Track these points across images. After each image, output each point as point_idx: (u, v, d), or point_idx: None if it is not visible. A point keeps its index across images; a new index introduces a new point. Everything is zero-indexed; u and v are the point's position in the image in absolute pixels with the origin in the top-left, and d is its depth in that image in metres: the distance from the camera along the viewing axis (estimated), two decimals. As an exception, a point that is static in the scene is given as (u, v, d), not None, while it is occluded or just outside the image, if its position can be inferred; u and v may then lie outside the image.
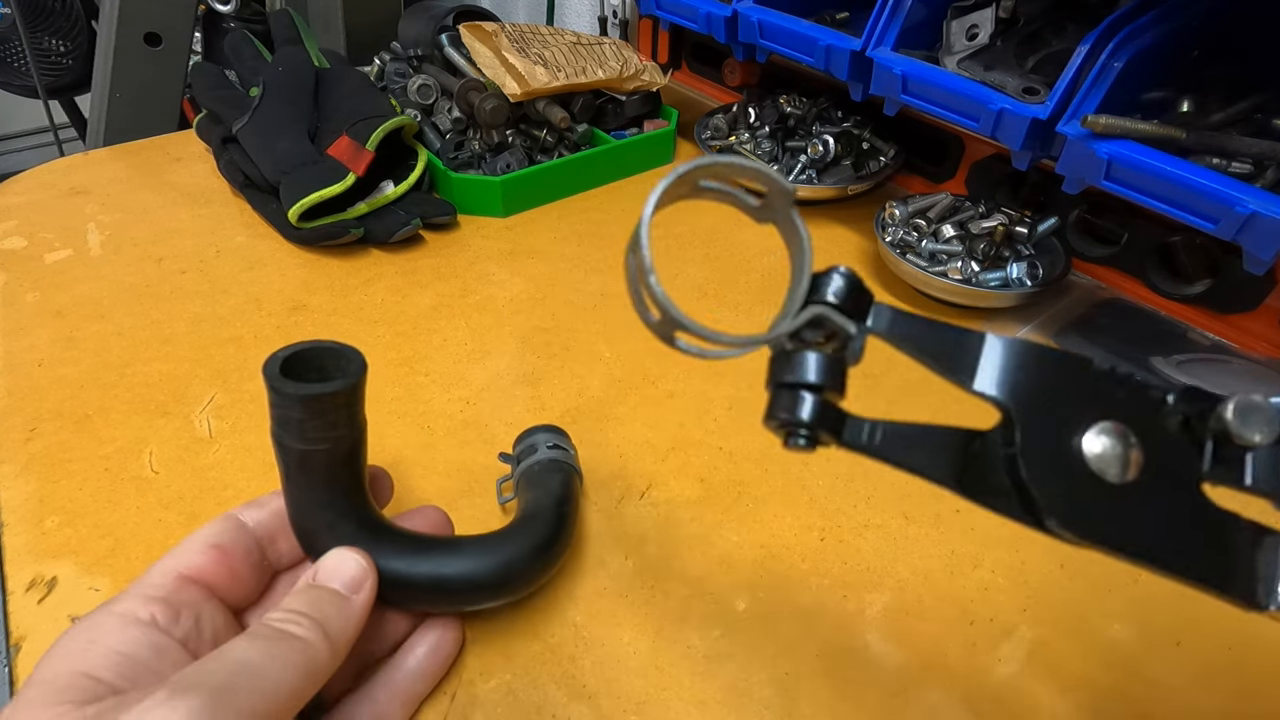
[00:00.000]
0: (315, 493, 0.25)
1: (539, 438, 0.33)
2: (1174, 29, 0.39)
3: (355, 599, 0.23)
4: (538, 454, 0.32)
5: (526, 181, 0.55)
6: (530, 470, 0.31)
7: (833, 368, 0.15)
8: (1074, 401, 0.14)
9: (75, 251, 0.50)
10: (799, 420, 0.15)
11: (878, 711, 0.27)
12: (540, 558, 0.28)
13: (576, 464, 0.33)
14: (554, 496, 0.29)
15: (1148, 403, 0.14)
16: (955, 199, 0.49)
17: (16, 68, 1.20)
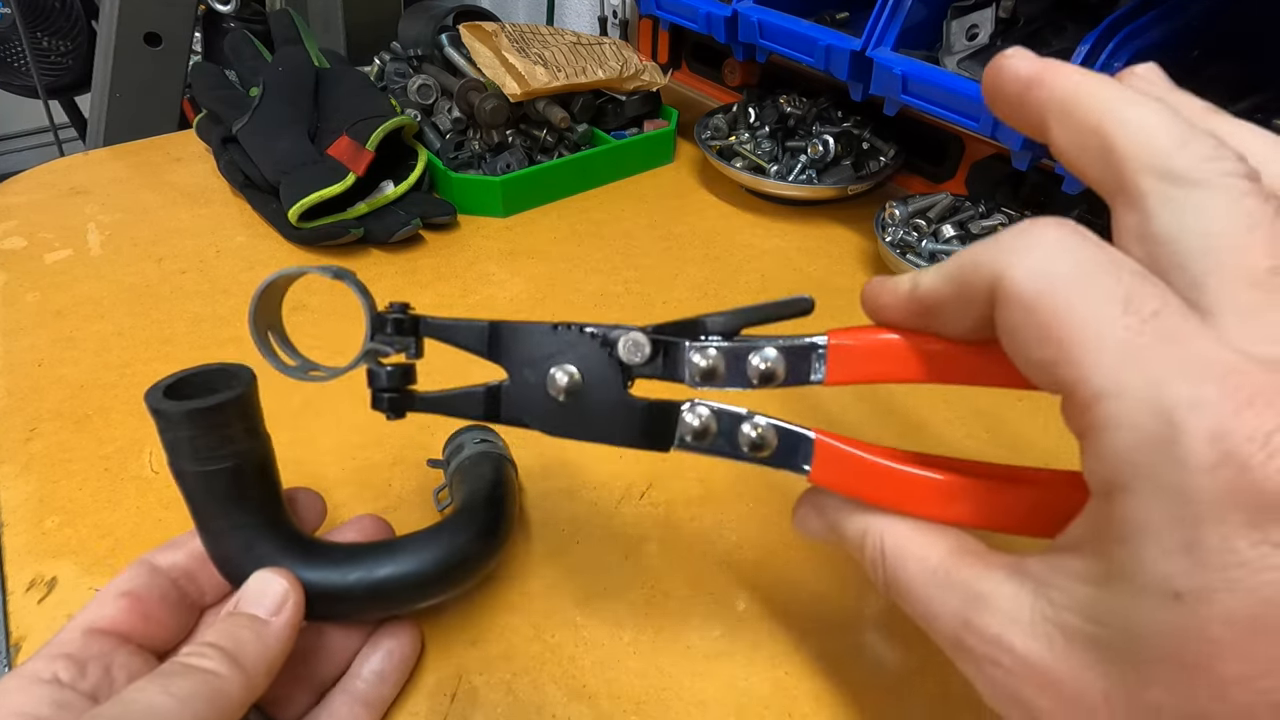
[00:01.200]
0: (226, 517, 0.24)
1: (466, 436, 0.32)
2: (1174, 29, 0.39)
3: (275, 621, 0.22)
4: (466, 450, 0.31)
5: (526, 181, 0.55)
6: (461, 466, 0.30)
7: (394, 375, 0.23)
8: (539, 354, 0.22)
9: (75, 251, 0.50)
10: (384, 410, 0.23)
11: (878, 711, 0.27)
12: (481, 543, 0.27)
13: (507, 452, 0.32)
14: (487, 482, 0.29)
15: (587, 344, 0.21)
16: (955, 199, 0.49)
17: (16, 68, 1.20)
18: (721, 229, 0.54)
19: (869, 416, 0.38)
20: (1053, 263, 0.15)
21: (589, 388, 0.21)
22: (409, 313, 0.23)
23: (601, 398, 0.21)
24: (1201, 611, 0.13)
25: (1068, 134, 0.17)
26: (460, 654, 0.28)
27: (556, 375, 0.21)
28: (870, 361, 0.20)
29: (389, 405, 0.23)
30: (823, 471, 0.20)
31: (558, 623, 0.29)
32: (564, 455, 0.36)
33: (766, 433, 0.20)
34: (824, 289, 0.48)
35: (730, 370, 0.21)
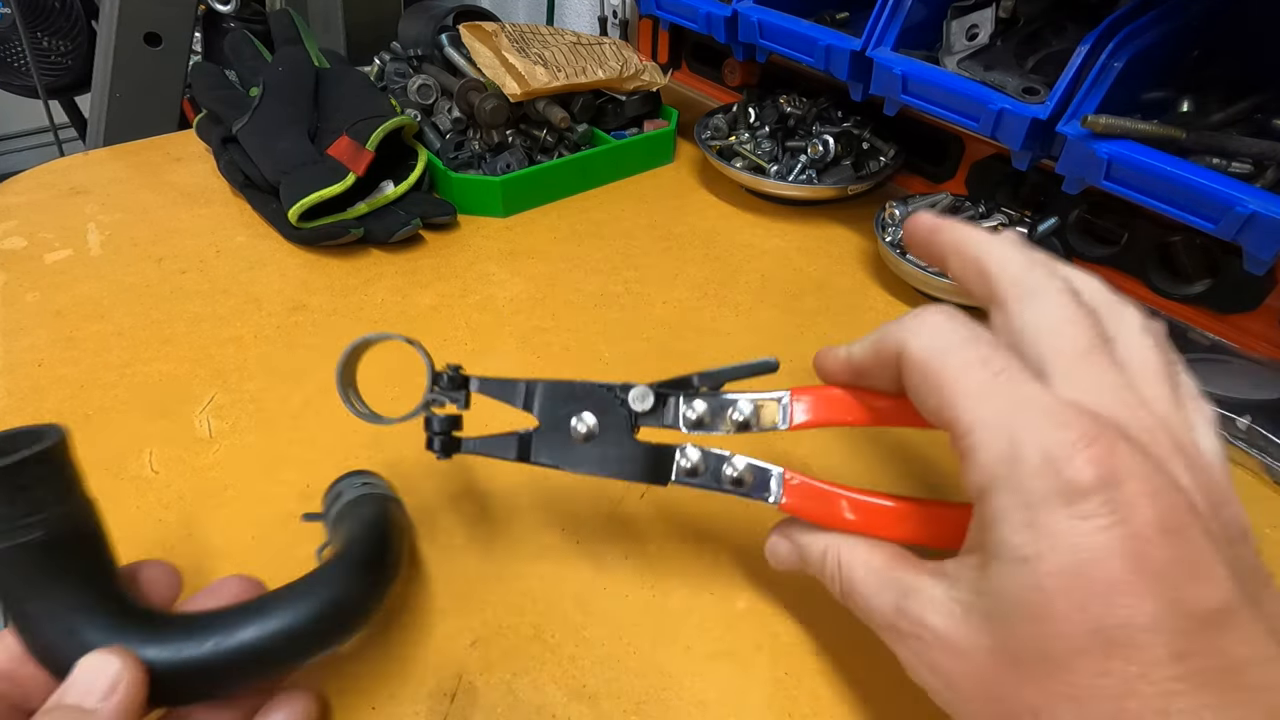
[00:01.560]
0: (41, 598, 0.20)
1: (344, 483, 0.30)
2: (1174, 29, 0.39)
3: (104, 708, 0.19)
4: (344, 497, 0.29)
5: (526, 181, 0.55)
6: (340, 513, 0.28)
7: (445, 422, 0.27)
8: (564, 405, 0.26)
9: (75, 251, 0.50)
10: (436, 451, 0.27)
11: (878, 711, 0.27)
12: (359, 587, 0.24)
13: (391, 493, 0.30)
14: (364, 522, 0.27)
15: (603, 397, 0.26)
16: (955, 199, 0.49)
17: (16, 68, 1.20)
18: (721, 229, 0.54)
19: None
20: (935, 338, 0.21)
21: (604, 433, 0.26)
22: (461, 372, 0.27)
23: (614, 441, 0.26)
24: (1039, 568, 0.18)
25: (959, 263, 0.24)
26: (460, 654, 0.28)
27: (576, 425, 0.26)
28: (822, 411, 0.26)
29: (440, 447, 0.27)
30: (790, 501, 0.25)
31: (558, 623, 0.29)
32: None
33: (744, 471, 0.26)
34: (824, 289, 0.48)
35: (714, 419, 0.26)
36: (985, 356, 0.20)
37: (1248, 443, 0.36)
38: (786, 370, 0.40)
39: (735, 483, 0.26)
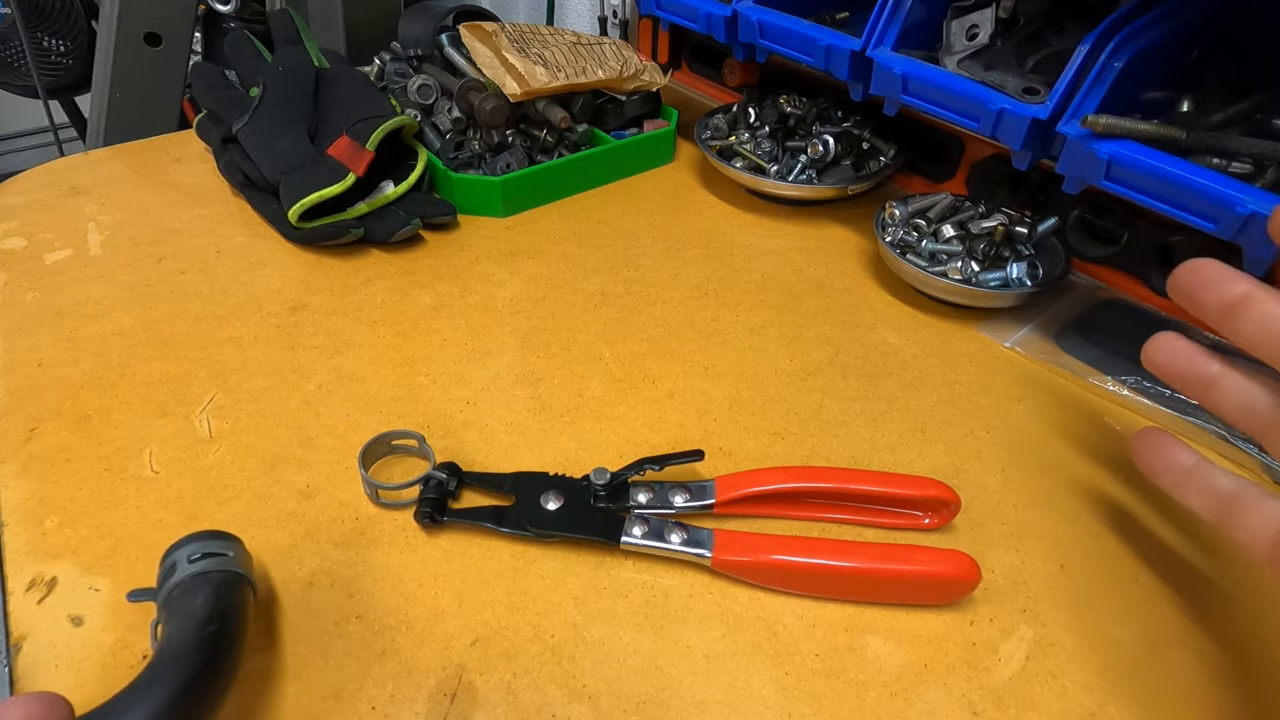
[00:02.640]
0: None
1: (180, 553, 0.26)
2: (1174, 29, 0.39)
3: None
4: (177, 573, 0.25)
5: (526, 181, 0.55)
6: (170, 597, 0.25)
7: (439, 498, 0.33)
8: (538, 488, 0.33)
9: (75, 251, 0.50)
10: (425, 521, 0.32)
11: (878, 711, 0.27)
12: (171, 713, 0.21)
13: (240, 566, 0.27)
14: (196, 620, 0.23)
15: (569, 483, 0.33)
16: (955, 199, 0.49)
17: (16, 68, 1.20)
18: (721, 229, 0.54)
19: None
20: None
21: (569, 506, 0.32)
22: (456, 465, 0.34)
23: (577, 511, 0.32)
24: None
25: None
26: (460, 654, 0.28)
27: (548, 501, 0.32)
28: (739, 497, 0.32)
29: (429, 515, 0.32)
30: (721, 554, 0.30)
31: (558, 623, 0.29)
32: (564, 456, 0.36)
33: (681, 532, 0.31)
34: (824, 289, 0.48)
35: (659, 499, 0.32)
36: None
37: (1247, 443, 0.36)
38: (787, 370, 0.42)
39: (675, 542, 0.30)
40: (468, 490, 0.34)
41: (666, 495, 0.32)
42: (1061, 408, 0.40)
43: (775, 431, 0.38)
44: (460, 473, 0.33)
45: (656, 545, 0.30)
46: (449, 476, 0.33)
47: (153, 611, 0.26)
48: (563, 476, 0.33)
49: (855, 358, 0.43)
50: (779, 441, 0.37)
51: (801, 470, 0.34)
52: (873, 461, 0.36)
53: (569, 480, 0.33)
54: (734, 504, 0.32)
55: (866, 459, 0.36)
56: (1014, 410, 0.39)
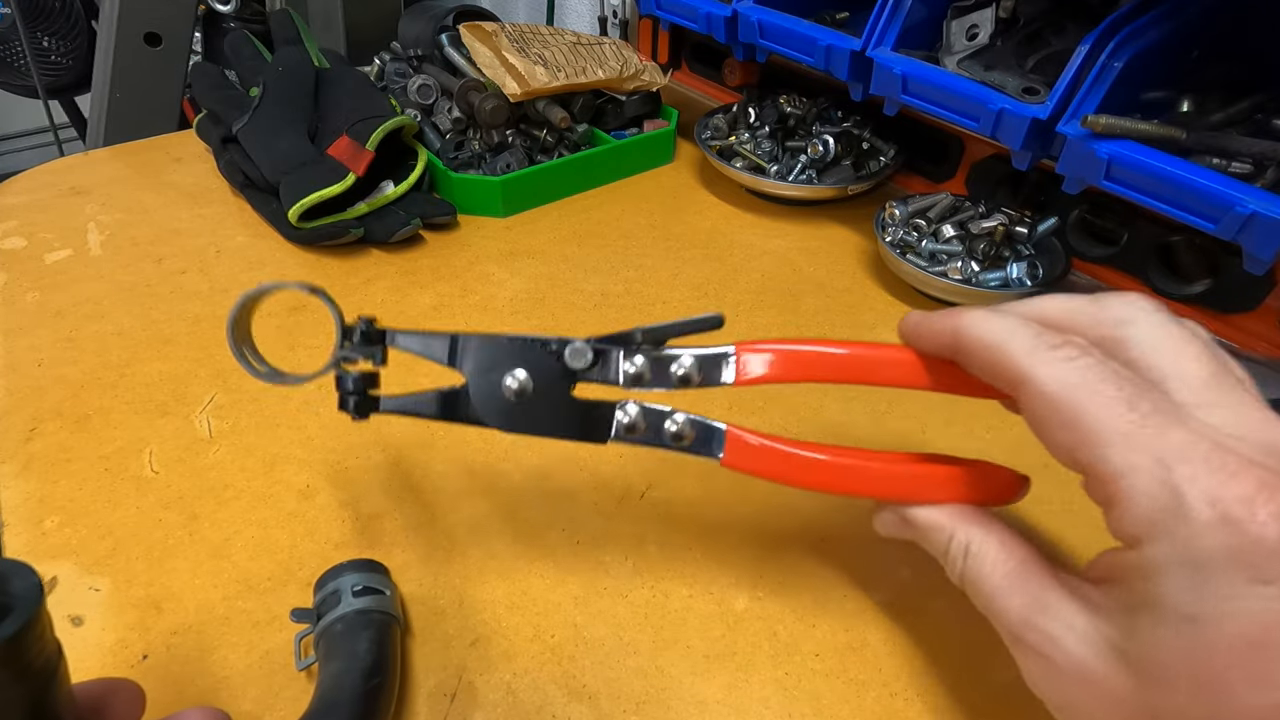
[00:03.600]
0: None
1: (344, 580, 0.27)
2: (1174, 29, 0.39)
3: None
4: (342, 606, 0.26)
5: (526, 181, 0.55)
6: (332, 630, 0.26)
7: (359, 381, 0.25)
8: (493, 361, 0.25)
9: (75, 251, 0.50)
10: (350, 411, 0.26)
11: (878, 711, 0.27)
12: None
13: (394, 608, 0.27)
14: (361, 669, 0.24)
15: (538, 353, 0.24)
16: (955, 199, 0.49)
17: (16, 68, 1.20)
18: (721, 229, 0.54)
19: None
20: (1071, 372, 0.20)
21: (538, 390, 0.25)
22: (374, 325, 0.25)
23: (549, 399, 0.25)
24: (1209, 633, 0.16)
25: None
26: (460, 654, 0.28)
27: (508, 380, 0.24)
28: (772, 367, 0.25)
29: (354, 407, 0.25)
30: (733, 457, 0.25)
31: (558, 623, 0.29)
32: (564, 456, 0.36)
33: (685, 426, 0.25)
34: (824, 289, 0.48)
35: (655, 375, 0.25)
36: (1131, 396, 0.19)
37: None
38: None
39: (676, 438, 0.25)
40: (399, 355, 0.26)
41: (666, 368, 0.25)
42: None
43: (775, 431, 0.37)
44: (382, 336, 0.25)
45: (653, 442, 0.25)
46: (367, 347, 0.25)
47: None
48: (525, 341, 0.25)
49: (855, 358, 0.43)
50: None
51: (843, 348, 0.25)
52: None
53: (532, 346, 0.25)
54: (757, 381, 0.25)
55: (866, 459, 0.36)
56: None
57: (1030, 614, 0.20)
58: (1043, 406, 0.20)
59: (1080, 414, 0.19)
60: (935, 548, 0.24)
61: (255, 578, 0.30)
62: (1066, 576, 0.21)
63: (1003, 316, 0.22)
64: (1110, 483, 0.19)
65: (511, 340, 0.25)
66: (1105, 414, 0.19)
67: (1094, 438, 0.19)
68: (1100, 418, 0.19)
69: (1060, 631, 0.20)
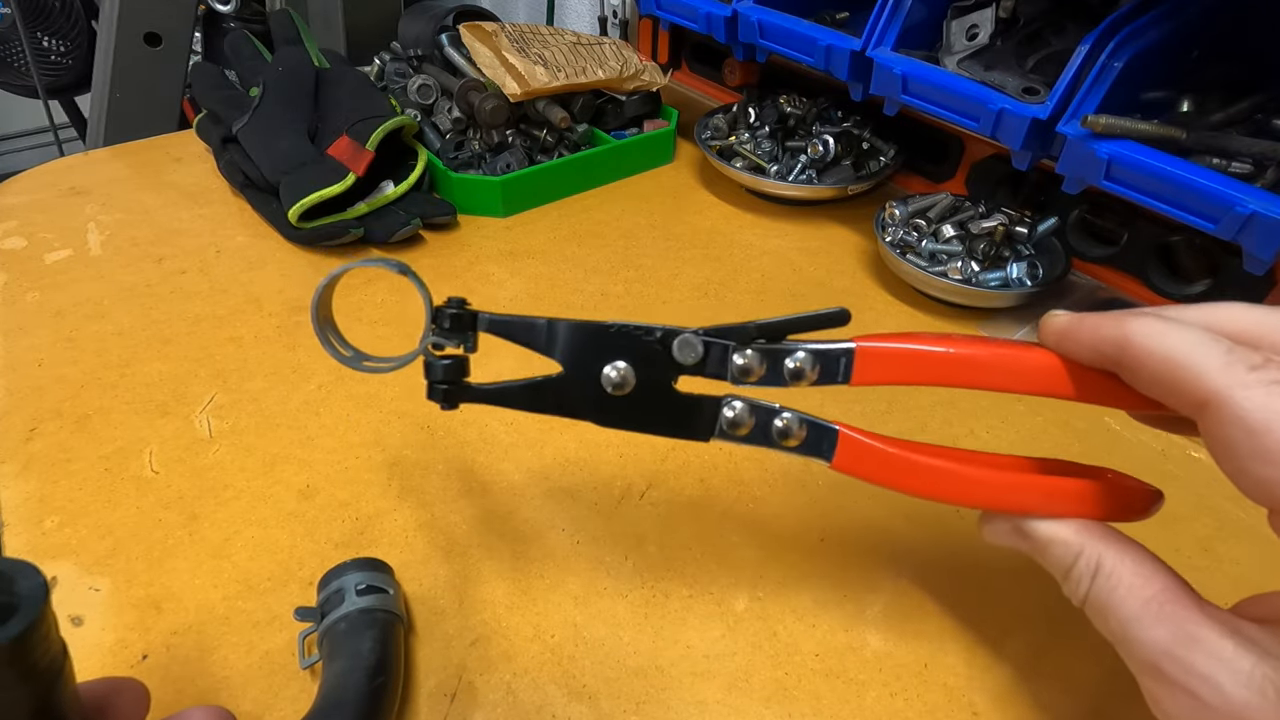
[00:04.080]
0: None
1: (347, 579, 0.27)
2: (1174, 29, 0.39)
3: None
4: (345, 604, 0.26)
5: (526, 181, 0.55)
6: (335, 629, 0.25)
7: (449, 368, 0.24)
8: (593, 351, 0.23)
9: (75, 251, 0.50)
10: (439, 401, 0.24)
11: (878, 711, 0.27)
12: None
13: (398, 606, 0.27)
14: (365, 667, 0.24)
15: (642, 343, 0.23)
16: (955, 199, 0.49)
17: (16, 68, 1.20)
18: (721, 229, 0.54)
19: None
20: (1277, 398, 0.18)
21: (639, 383, 0.23)
22: (466, 308, 0.24)
23: (650, 393, 0.23)
24: None
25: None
26: (460, 654, 0.28)
27: (609, 372, 0.23)
28: (895, 367, 0.23)
29: (443, 397, 0.24)
30: (845, 460, 0.23)
31: (558, 623, 0.29)
32: (564, 456, 0.36)
33: (794, 425, 0.23)
34: (824, 289, 0.48)
35: (767, 370, 0.23)
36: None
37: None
38: None
39: (784, 436, 0.23)
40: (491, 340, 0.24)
41: (779, 363, 0.23)
42: (1061, 408, 0.40)
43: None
44: (474, 321, 0.24)
45: (760, 442, 0.23)
46: (458, 334, 0.24)
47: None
48: (628, 331, 0.23)
49: (855, 358, 0.43)
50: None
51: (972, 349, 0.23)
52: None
53: (637, 338, 0.23)
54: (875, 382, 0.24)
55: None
56: (1014, 410, 0.39)
57: (1176, 648, 0.19)
58: (1239, 434, 0.18)
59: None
60: (1057, 565, 0.22)
61: (255, 578, 0.30)
62: (1218, 611, 0.20)
63: (1184, 328, 0.20)
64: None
65: (614, 328, 0.23)
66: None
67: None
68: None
69: (1215, 670, 0.18)
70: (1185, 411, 0.19)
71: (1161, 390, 0.20)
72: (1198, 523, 0.34)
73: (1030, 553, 0.23)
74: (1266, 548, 0.32)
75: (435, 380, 0.24)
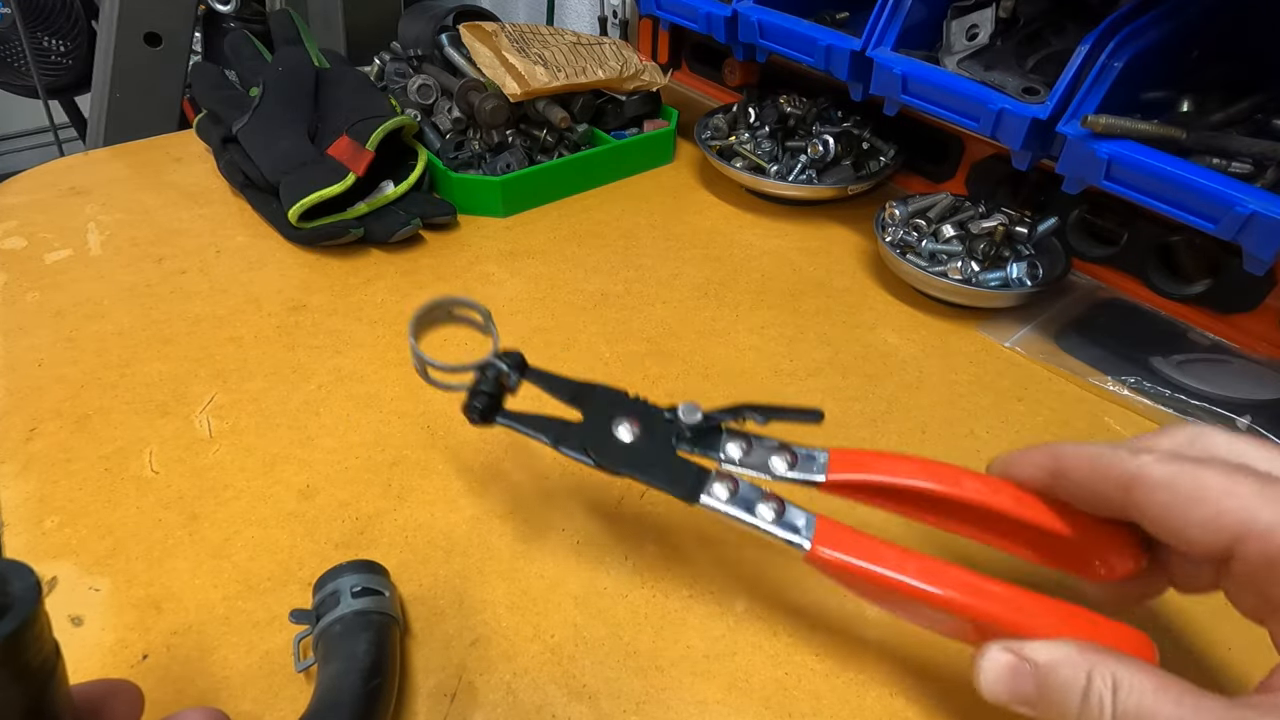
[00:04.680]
0: None
1: (343, 581, 0.27)
2: (1174, 29, 0.39)
3: None
4: (341, 606, 0.26)
5: (526, 181, 0.55)
6: (331, 631, 0.25)
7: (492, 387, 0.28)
8: (612, 410, 0.27)
9: (75, 251, 0.50)
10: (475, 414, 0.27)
11: (878, 711, 0.27)
12: None
13: (393, 609, 0.27)
14: (360, 670, 0.24)
15: (651, 412, 0.27)
16: (955, 199, 0.49)
17: (16, 68, 1.20)
18: (721, 229, 0.54)
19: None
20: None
21: (645, 442, 0.27)
22: (522, 356, 0.29)
23: (653, 451, 0.26)
24: None
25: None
26: (460, 654, 0.28)
27: (621, 427, 0.27)
28: (861, 471, 0.25)
29: (480, 412, 0.27)
30: (822, 541, 0.24)
31: (558, 623, 0.29)
32: (564, 456, 0.36)
33: (777, 506, 0.25)
34: (824, 289, 0.48)
35: (754, 458, 0.26)
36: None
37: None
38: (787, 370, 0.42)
39: (765, 516, 0.25)
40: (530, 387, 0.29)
41: (764, 455, 0.26)
42: (1061, 408, 0.40)
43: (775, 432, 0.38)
44: (524, 367, 0.29)
45: (742, 516, 0.25)
46: (510, 369, 0.28)
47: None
48: (644, 402, 0.27)
49: (855, 358, 0.43)
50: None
51: (944, 469, 0.25)
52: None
53: (650, 409, 0.27)
54: (847, 489, 0.26)
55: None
56: (1014, 410, 0.39)
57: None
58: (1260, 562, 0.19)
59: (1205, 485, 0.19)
60: (1068, 691, 0.20)
61: (255, 578, 0.30)
62: (1252, 698, 0.19)
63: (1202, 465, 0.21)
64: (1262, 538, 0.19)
65: (633, 397, 0.28)
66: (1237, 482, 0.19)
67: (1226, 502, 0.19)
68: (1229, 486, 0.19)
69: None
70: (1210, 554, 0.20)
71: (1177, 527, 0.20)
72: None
73: (1032, 695, 0.21)
74: (1266, 548, 0.32)
75: (478, 391, 0.28)
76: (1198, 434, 0.23)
